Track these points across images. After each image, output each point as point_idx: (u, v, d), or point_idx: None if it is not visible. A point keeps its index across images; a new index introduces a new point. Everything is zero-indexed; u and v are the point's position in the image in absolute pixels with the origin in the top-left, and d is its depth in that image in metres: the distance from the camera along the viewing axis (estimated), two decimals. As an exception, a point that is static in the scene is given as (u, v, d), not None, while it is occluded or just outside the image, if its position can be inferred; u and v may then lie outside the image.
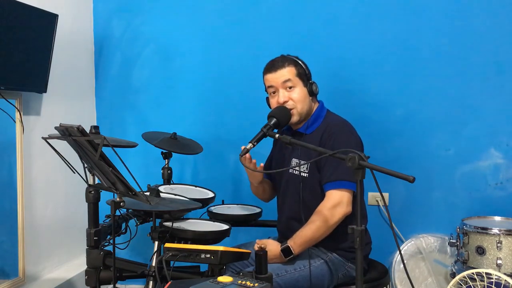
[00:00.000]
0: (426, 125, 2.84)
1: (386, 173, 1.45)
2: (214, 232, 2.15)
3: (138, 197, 1.71)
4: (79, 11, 3.06)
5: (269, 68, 2.15)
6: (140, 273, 2.04)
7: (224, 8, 3.05)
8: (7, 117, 2.41)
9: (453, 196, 2.83)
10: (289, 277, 2.00)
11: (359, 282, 1.47)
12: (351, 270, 2.11)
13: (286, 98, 2.10)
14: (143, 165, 3.12)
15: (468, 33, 2.77)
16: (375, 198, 2.89)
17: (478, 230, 2.32)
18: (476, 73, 2.77)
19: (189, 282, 1.50)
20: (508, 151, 2.76)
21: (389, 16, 2.85)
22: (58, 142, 1.85)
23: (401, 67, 2.85)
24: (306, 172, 2.12)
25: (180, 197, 2.26)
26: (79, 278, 2.78)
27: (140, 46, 3.18)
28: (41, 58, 2.52)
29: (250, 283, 1.41)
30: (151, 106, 3.18)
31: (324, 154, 1.64)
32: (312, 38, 2.93)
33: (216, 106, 3.09)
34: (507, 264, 2.25)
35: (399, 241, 2.85)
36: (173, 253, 1.69)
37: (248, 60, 3.01)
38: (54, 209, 2.82)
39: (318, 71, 2.27)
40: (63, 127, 1.65)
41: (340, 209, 1.99)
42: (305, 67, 2.15)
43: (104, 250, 2.03)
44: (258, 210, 2.60)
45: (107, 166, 1.64)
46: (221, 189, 2.65)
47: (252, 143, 1.92)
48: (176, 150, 2.60)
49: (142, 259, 2.68)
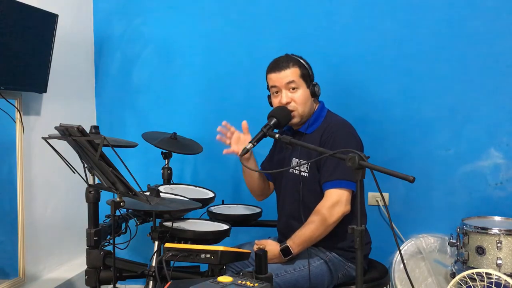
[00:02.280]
0: (426, 125, 2.84)
1: (386, 173, 1.45)
2: (214, 232, 2.15)
3: (138, 197, 1.71)
4: (79, 11, 3.06)
5: (273, 67, 2.12)
6: (140, 273, 2.04)
7: (224, 8, 3.05)
8: (7, 117, 2.41)
9: (453, 196, 2.83)
10: (288, 277, 2.00)
11: (359, 282, 1.47)
12: (350, 269, 2.11)
13: (288, 99, 2.10)
14: (143, 165, 3.12)
15: (468, 33, 2.77)
16: (375, 198, 2.89)
17: (478, 230, 2.33)
18: (476, 73, 2.77)
19: (189, 282, 1.50)
20: (508, 151, 2.76)
21: (389, 16, 2.85)
22: (58, 142, 1.85)
23: (401, 67, 2.85)
24: (306, 172, 2.12)
25: (180, 197, 2.26)
26: (79, 278, 2.78)
27: (140, 46, 3.18)
28: (41, 58, 2.52)
29: (250, 283, 1.41)
30: (151, 106, 3.18)
31: (324, 154, 1.64)
32: (312, 37, 2.93)
33: (216, 106, 3.09)
34: (507, 264, 2.25)
35: (399, 241, 2.85)
36: (173, 253, 1.69)
37: (248, 60, 3.01)
38: (54, 209, 2.82)
39: (318, 71, 2.26)
40: (63, 127, 1.65)
41: (338, 208, 1.99)
42: (308, 68, 2.14)
43: (104, 250, 2.03)
44: (258, 210, 2.60)
45: (107, 166, 1.64)
46: (221, 189, 2.65)
47: (252, 143, 1.92)
48: (176, 150, 2.61)
49: (142, 259, 2.68)
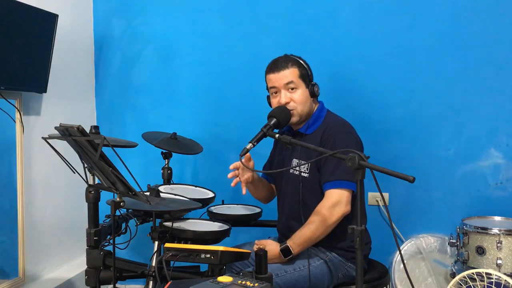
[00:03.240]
0: (426, 125, 2.84)
1: (386, 173, 1.45)
2: (214, 232, 2.15)
3: (138, 197, 1.71)
4: (79, 11, 3.06)
5: (272, 68, 2.12)
6: (140, 273, 2.04)
7: (224, 8, 3.05)
8: (7, 117, 2.41)
9: (453, 196, 2.83)
10: (288, 277, 2.00)
11: (359, 282, 1.47)
12: (350, 269, 2.11)
13: (288, 99, 2.09)
14: (143, 165, 3.12)
15: (468, 33, 2.77)
16: (375, 198, 2.89)
17: (478, 230, 2.32)
18: (476, 73, 2.77)
19: (189, 282, 1.50)
20: (508, 151, 2.76)
21: (389, 16, 2.85)
22: (58, 142, 1.85)
23: (401, 67, 2.85)
24: (307, 172, 2.12)
25: (180, 197, 2.26)
26: (79, 278, 2.78)
27: (140, 46, 3.18)
28: (41, 58, 2.52)
29: (250, 283, 1.41)
30: (151, 106, 3.18)
31: (324, 154, 1.64)
32: (312, 37, 2.93)
33: (216, 106, 3.09)
34: (507, 264, 2.25)
35: (399, 241, 2.85)
36: (173, 253, 1.69)
37: (248, 60, 3.01)
38: (54, 209, 2.82)
39: (318, 71, 2.27)
40: (63, 127, 1.65)
41: (339, 209, 1.99)
42: (307, 68, 2.14)
43: (104, 250, 2.03)
44: (258, 210, 2.60)
45: (107, 166, 1.64)
46: (221, 189, 2.64)
47: (252, 143, 1.91)
48: (176, 150, 2.61)
49: (142, 259, 2.68)
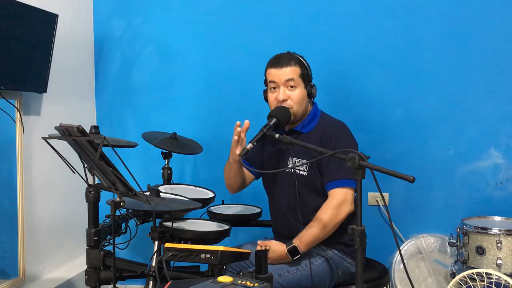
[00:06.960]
0: (426, 125, 2.84)
1: (386, 173, 1.45)
2: (214, 232, 2.15)
3: (138, 197, 1.71)
4: (79, 11, 3.06)
5: (274, 63, 2.11)
6: (140, 273, 2.04)
7: (223, 8, 3.05)
8: (7, 117, 2.40)
9: (453, 196, 2.83)
10: (291, 277, 2.00)
11: (359, 282, 1.47)
12: (350, 266, 2.12)
13: (285, 96, 2.09)
14: (143, 165, 3.12)
15: (468, 33, 2.77)
16: (375, 198, 2.89)
17: (478, 230, 2.32)
18: (476, 73, 2.77)
19: (189, 282, 1.50)
20: (508, 151, 2.76)
21: (388, 16, 2.85)
22: (58, 142, 1.85)
23: (401, 67, 2.85)
24: (305, 171, 2.12)
25: (180, 197, 2.26)
26: (79, 278, 2.78)
27: (140, 46, 3.18)
28: (41, 58, 2.52)
29: (250, 283, 1.41)
30: (151, 106, 3.18)
31: (324, 154, 1.64)
32: (312, 37, 2.93)
33: (216, 106, 3.09)
34: (507, 264, 2.25)
35: (399, 241, 2.85)
36: (173, 253, 1.69)
37: (247, 60, 3.01)
38: (54, 209, 2.82)
39: (318, 70, 2.27)
40: (63, 127, 1.65)
41: (345, 207, 2.00)
42: (308, 68, 2.15)
43: (104, 250, 2.03)
44: (258, 210, 2.60)
45: (107, 166, 1.64)
46: (221, 189, 2.63)
47: (252, 143, 1.92)
48: (176, 150, 2.61)
49: (142, 259, 2.68)
